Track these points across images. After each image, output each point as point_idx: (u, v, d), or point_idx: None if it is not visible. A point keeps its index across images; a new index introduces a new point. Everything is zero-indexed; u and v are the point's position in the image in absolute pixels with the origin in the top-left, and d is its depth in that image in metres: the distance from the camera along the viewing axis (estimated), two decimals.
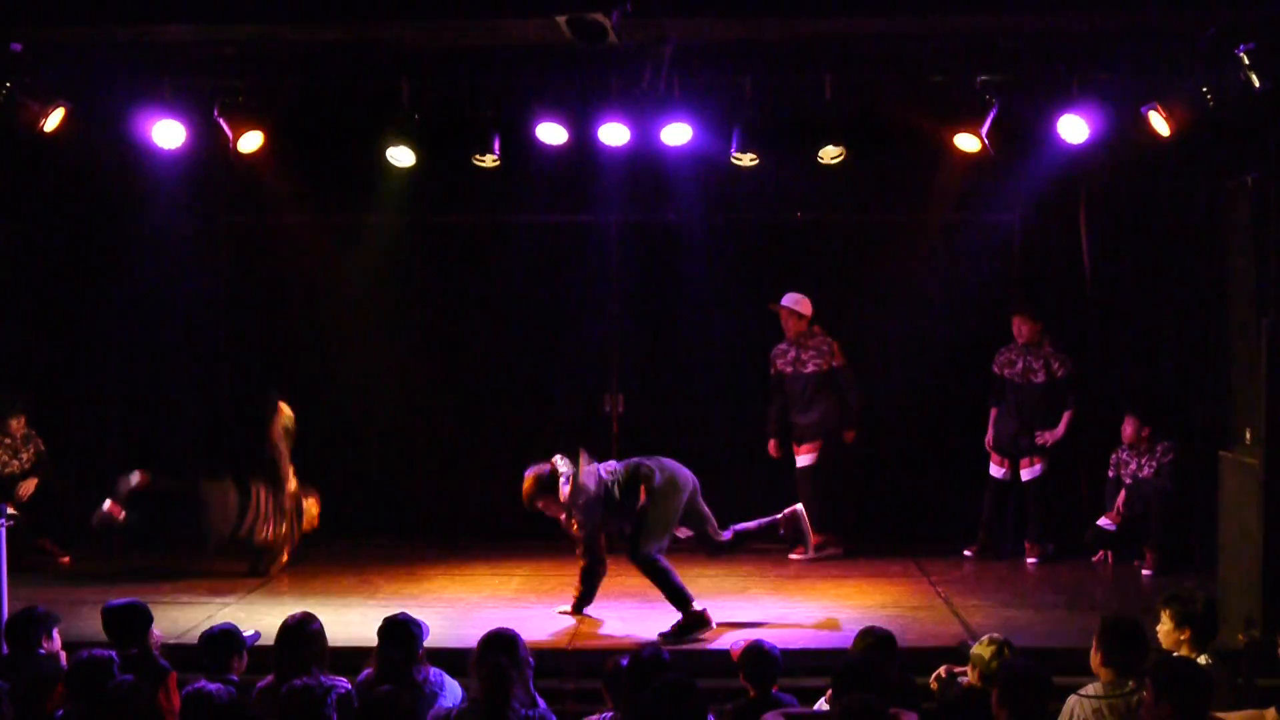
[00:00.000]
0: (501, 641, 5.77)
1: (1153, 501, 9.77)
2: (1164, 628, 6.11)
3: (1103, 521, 10.02)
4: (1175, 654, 5.98)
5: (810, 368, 10.31)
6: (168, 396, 10.97)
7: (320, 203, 10.95)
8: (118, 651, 6.01)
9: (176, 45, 8.85)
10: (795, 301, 10.31)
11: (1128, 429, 10.01)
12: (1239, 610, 7.67)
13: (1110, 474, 10.12)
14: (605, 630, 8.14)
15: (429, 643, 6.34)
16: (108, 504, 9.48)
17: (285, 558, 9.68)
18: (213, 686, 5.57)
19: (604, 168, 10.28)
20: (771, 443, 10.50)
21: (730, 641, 6.50)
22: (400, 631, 6.12)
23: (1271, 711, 5.54)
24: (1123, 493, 9.92)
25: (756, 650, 6.09)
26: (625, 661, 5.88)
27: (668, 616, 8.47)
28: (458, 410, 11.17)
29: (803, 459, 10.37)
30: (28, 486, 10.10)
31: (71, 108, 9.12)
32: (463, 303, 11.10)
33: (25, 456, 10.22)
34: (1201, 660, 5.88)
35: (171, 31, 8.51)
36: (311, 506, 9.80)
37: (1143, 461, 9.92)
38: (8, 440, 10.16)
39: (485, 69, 9.32)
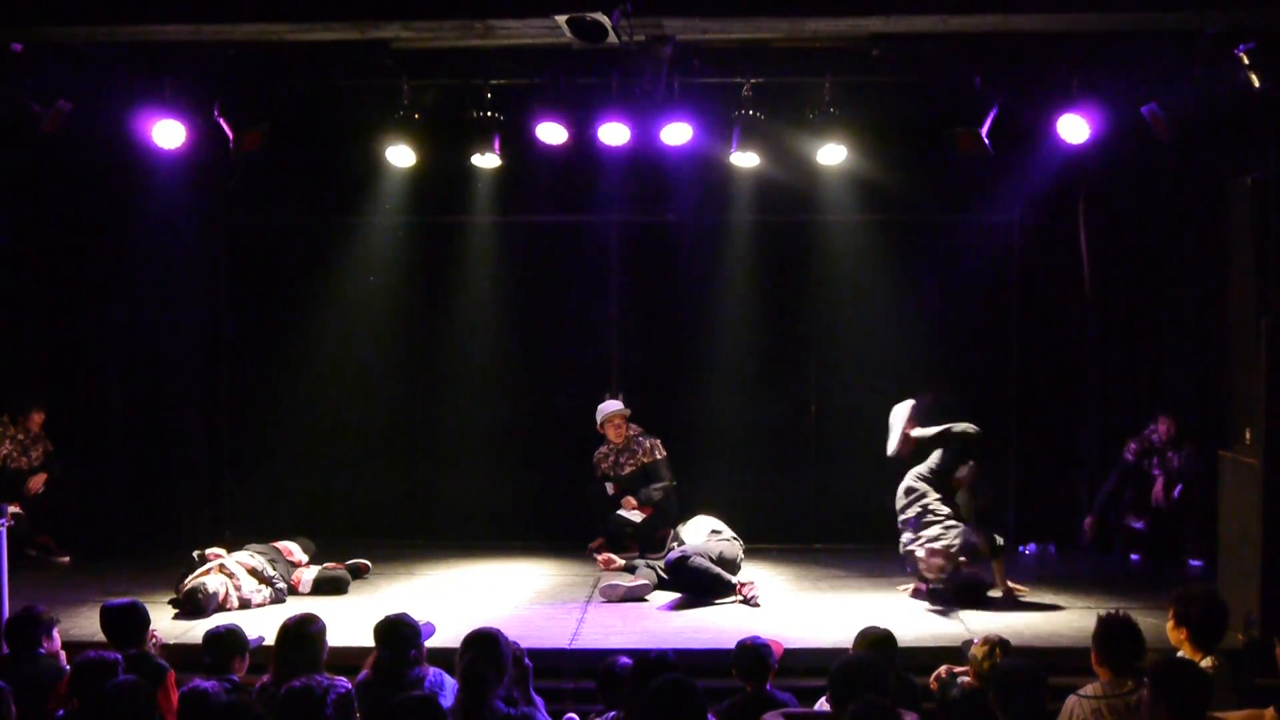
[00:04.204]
0: (480, 640, 5.76)
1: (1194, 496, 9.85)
2: (1168, 625, 6.12)
3: (1134, 523, 10.04)
4: (1179, 654, 5.99)
5: (628, 470, 10.40)
6: (168, 396, 10.97)
7: (320, 203, 10.95)
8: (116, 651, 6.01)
9: (176, 45, 8.84)
10: (613, 411, 10.32)
11: (1163, 428, 9.99)
12: (1239, 610, 7.67)
13: (1129, 459, 10.07)
14: (605, 630, 8.14)
15: (429, 643, 6.35)
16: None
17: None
18: (210, 686, 5.56)
19: (604, 168, 10.28)
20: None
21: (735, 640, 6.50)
22: (397, 632, 6.11)
23: (1270, 711, 5.54)
24: (1159, 484, 9.95)
25: (748, 647, 6.11)
26: (622, 662, 5.88)
27: (668, 618, 8.49)
28: (457, 410, 11.16)
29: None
30: (38, 481, 10.13)
31: (71, 108, 9.12)
32: (463, 303, 11.10)
33: (35, 454, 10.24)
34: (1207, 662, 5.87)
35: (171, 31, 8.51)
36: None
37: (1172, 455, 9.95)
38: (21, 436, 10.18)
39: (485, 69, 9.32)
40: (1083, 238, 10.56)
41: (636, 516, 10.22)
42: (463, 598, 9.09)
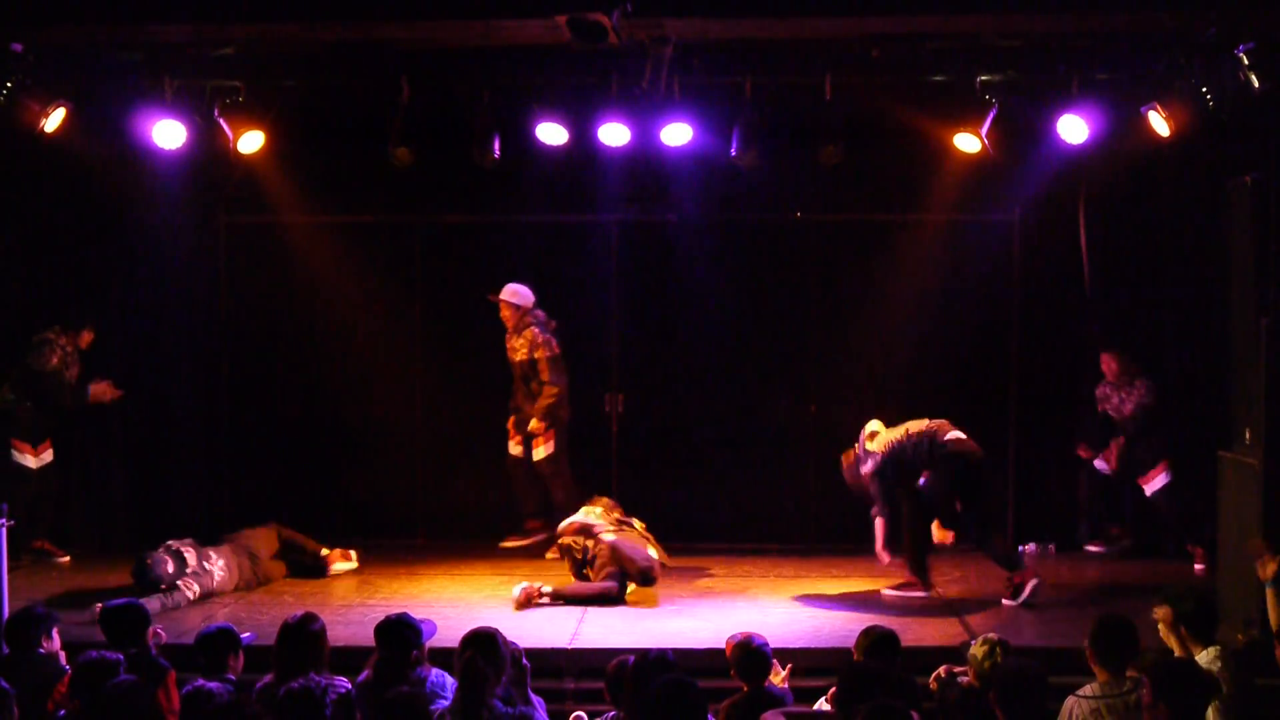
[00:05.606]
0: (478, 640, 5.76)
1: (1163, 503, 9.95)
2: (1161, 627, 6.12)
3: (1099, 464, 10.15)
4: (1177, 652, 6.00)
5: (519, 356, 10.34)
6: (167, 396, 10.97)
7: (320, 203, 10.95)
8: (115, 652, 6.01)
9: (176, 45, 8.85)
10: (510, 293, 10.28)
11: (1104, 367, 10.15)
12: (1239, 610, 7.67)
13: (1100, 408, 10.24)
14: (606, 630, 8.14)
15: (430, 642, 6.35)
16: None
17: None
18: (213, 685, 5.57)
19: (604, 168, 10.27)
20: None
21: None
22: (398, 632, 6.11)
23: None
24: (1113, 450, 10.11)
25: (745, 645, 6.10)
26: (630, 662, 5.88)
27: (668, 618, 8.48)
28: (458, 410, 11.16)
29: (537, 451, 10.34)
30: (105, 389, 10.19)
31: (71, 108, 9.13)
32: (463, 303, 11.09)
33: (73, 372, 10.21)
34: (1206, 656, 5.89)
35: (171, 31, 8.52)
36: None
37: (1123, 396, 10.06)
38: (70, 348, 10.17)
39: (485, 69, 9.33)
40: (1083, 238, 10.56)
41: (542, 452, 10.25)
42: (462, 597, 9.08)
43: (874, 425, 9.19)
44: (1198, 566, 9.66)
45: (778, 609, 8.69)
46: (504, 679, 5.67)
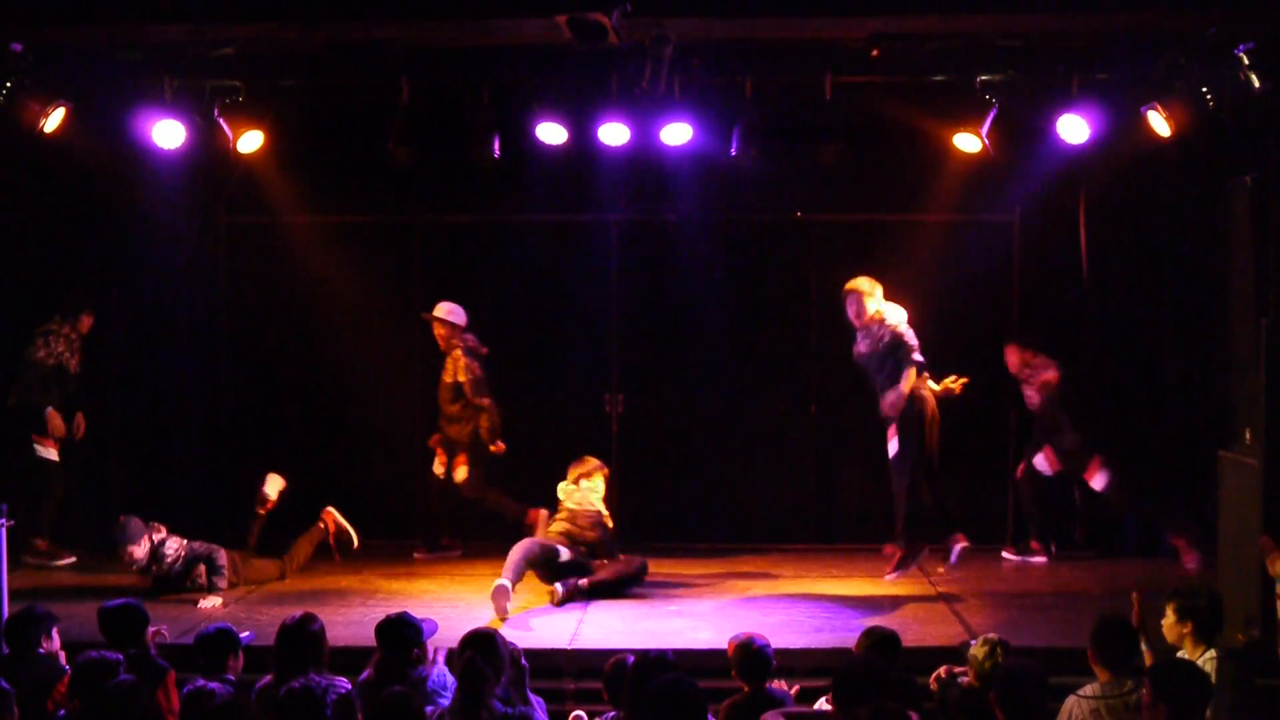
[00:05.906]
0: (477, 640, 5.76)
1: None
2: (1167, 621, 6.13)
3: (1039, 464, 10.14)
4: (1180, 649, 6.01)
5: (448, 377, 10.25)
6: (167, 396, 10.97)
7: (320, 203, 10.95)
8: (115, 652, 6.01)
9: (176, 45, 8.85)
10: (446, 311, 10.22)
11: (1008, 358, 10.17)
12: (1239, 610, 7.67)
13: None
14: (605, 630, 8.14)
15: (431, 640, 6.36)
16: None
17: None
18: (213, 685, 5.57)
19: (604, 168, 10.27)
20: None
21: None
22: (399, 631, 6.11)
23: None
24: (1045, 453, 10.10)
25: (747, 646, 6.10)
26: (629, 661, 5.88)
27: (668, 618, 8.48)
28: None
29: (457, 473, 10.29)
30: (78, 426, 10.18)
31: (71, 108, 9.13)
32: (463, 303, 11.08)
33: (75, 360, 10.19)
34: (1207, 656, 5.89)
35: (171, 31, 8.52)
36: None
37: (1031, 391, 10.11)
38: (73, 336, 10.16)
39: (485, 69, 9.33)
40: (1083, 238, 10.56)
41: (463, 474, 10.19)
42: (462, 597, 9.08)
43: (901, 315, 9.10)
44: (1189, 566, 9.64)
45: (778, 609, 8.69)
46: (503, 679, 5.68)
